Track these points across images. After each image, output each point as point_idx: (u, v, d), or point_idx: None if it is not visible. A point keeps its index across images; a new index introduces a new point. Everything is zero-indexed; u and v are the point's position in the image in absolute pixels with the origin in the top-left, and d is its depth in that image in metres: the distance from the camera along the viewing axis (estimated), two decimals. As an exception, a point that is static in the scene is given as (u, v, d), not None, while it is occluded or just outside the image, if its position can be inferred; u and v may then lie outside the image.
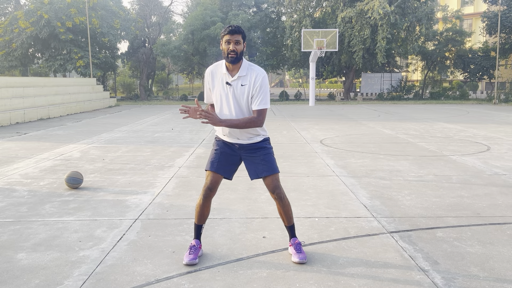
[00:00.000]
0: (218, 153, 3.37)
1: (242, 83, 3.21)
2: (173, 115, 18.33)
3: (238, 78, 3.21)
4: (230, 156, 3.38)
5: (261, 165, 3.31)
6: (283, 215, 3.45)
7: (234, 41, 3.13)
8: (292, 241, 3.47)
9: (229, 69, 3.23)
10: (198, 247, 3.43)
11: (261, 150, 3.35)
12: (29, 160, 7.78)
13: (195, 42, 30.07)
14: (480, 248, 3.61)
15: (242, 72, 3.21)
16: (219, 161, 3.34)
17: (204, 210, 3.40)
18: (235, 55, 3.13)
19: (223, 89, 3.24)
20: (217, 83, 3.26)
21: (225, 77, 3.23)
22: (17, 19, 27.90)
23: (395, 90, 32.42)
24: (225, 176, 3.37)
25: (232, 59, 3.14)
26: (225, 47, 3.15)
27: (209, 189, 3.33)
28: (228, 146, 3.39)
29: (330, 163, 7.39)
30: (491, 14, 29.75)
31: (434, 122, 14.77)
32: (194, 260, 3.32)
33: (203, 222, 3.47)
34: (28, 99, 17.04)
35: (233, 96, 3.22)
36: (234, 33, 3.13)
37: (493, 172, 6.60)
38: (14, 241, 3.83)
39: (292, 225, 3.50)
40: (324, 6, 31.53)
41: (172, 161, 7.65)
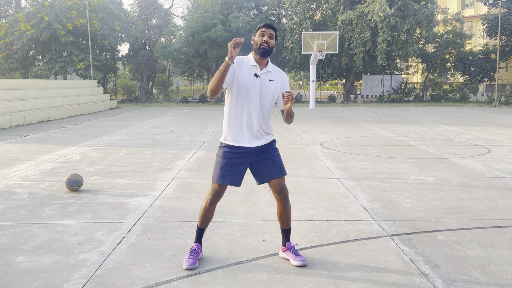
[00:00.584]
0: (229, 166, 3.26)
1: (270, 78, 3.25)
2: (174, 118, 18.34)
3: (267, 72, 3.24)
4: (240, 165, 3.30)
5: (273, 167, 3.31)
6: (284, 217, 3.43)
7: (268, 34, 3.17)
8: (288, 245, 3.46)
9: (257, 62, 3.23)
10: (199, 251, 3.41)
11: (272, 152, 3.35)
12: (29, 163, 7.78)
13: (195, 44, 30.10)
14: (481, 252, 3.61)
15: (269, 68, 3.26)
16: (230, 175, 3.26)
17: (209, 214, 3.40)
18: (267, 47, 3.15)
19: (250, 80, 3.21)
20: (244, 72, 3.21)
21: (254, 69, 3.22)
22: (18, 22, 27.95)
23: (396, 92, 32.42)
24: (235, 185, 3.31)
25: (264, 50, 3.15)
26: (259, 39, 3.17)
27: (216, 194, 3.31)
28: (237, 155, 3.28)
29: (331, 165, 7.38)
30: (491, 17, 29.78)
31: (435, 124, 14.76)
32: (194, 264, 3.30)
33: (206, 225, 3.46)
34: (29, 101, 17.05)
35: (260, 89, 3.22)
36: (270, 27, 3.20)
37: (494, 174, 6.59)
38: (14, 244, 3.83)
39: (290, 228, 3.52)
40: (324, 9, 31.57)
41: (172, 163, 7.64)
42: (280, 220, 3.48)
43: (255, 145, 3.29)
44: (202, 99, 32.79)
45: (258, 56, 3.20)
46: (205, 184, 6.03)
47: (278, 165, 3.33)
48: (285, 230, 3.50)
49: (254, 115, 3.24)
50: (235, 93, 3.23)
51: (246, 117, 3.24)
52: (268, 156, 3.32)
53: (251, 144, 3.28)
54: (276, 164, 3.32)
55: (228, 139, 3.31)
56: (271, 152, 3.34)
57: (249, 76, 3.20)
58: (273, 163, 3.31)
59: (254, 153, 3.30)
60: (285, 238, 3.51)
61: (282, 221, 3.47)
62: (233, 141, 3.28)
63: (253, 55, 3.25)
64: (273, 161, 3.31)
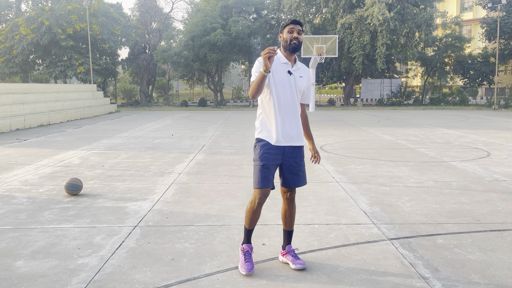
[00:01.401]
0: (266, 169, 3.24)
1: (300, 74, 3.31)
2: (173, 121, 18.35)
3: (297, 69, 3.31)
4: (275, 167, 3.32)
5: (297, 176, 3.36)
6: (288, 217, 3.44)
7: (297, 30, 3.20)
8: (287, 248, 3.46)
9: (287, 59, 3.27)
10: (252, 252, 3.42)
11: (301, 160, 3.40)
12: (28, 167, 7.77)
13: (195, 48, 30.16)
14: (481, 255, 3.60)
15: (299, 64, 3.33)
16: (269, 177, 3.25)
17: (257, 216, 3.36)
18: (298, 43, 3.19)
19: (284, 77, 3.26)
20: (279, 70, 3.24)
21: (286, 66, 3.27)
22: (18, 26, 28.02)
23: (395, 95, 32.46)
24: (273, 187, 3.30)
25: (295, 45, 3.19)
26: (288, 36, 3.20)
27: (264, 196, 3.27)
28: (273, 155, 3.27)
29: (330, 169, 7.38)
30: (490, 20, 29.86)
31: (434, 128, 14.77)
32: (252, 270, 3.27)
33: (254, 226, 3.42)
34: (29, 105, 17.06)
35: (294, 85, 3.28)
36: (297, 23, 3.21)
37: (493, 178, 6.59)
38: (13, 249, 3.82)
39: (292, 231, 3.52)
40: (323, 13, 31.66)
41: (172, 167, 7.64)
42: (284, 221, 3.48)
43: (294, 144, 3.32)
44: (202, 103, 32.81)
45: (288, 53, 3.24)
46: (205, 188, 6.03)
47: (303, 175, 3.41)
48: (287, 231, 3.49)
49: (290, 112, 3.27)
50: (273, 91, 3.24)
51: (283, 113, 3.25)
52: (297, 164, 3.35)
53: (290, 144, 3.30)
54: (302, 174, 3.39)
55: (265, 135, 3.30)
56: (300, 159, 3.38)
57: (283, 74, 3.24)
58: (300, 172, 3.36)
59: (291, 151, 3.32)
60: (287, 240, 3.49)
61: (285, 222, 3.47)
62: (274, 139, 3.27)
63: (282, 51, 3.27)
64: (300, 171, 3.37)
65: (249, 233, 3.43)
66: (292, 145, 3.31)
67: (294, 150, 3.33)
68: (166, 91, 43.64)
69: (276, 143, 3.26)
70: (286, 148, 3.30)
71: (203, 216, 4.74)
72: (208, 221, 4.55)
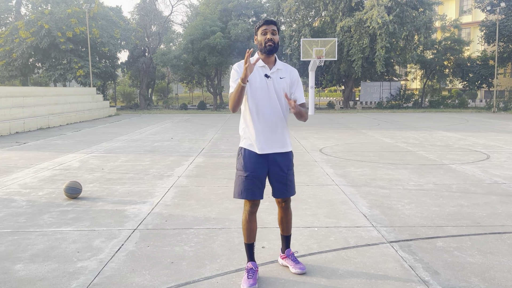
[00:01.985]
0: (250, 179, 3.11)
1: (281, 75, 3.14)
2: (173, 124, 18.35)
3: (277, 71, 3.14)
4: (261, 176, 3.16)
5: (285, 186, 3.20)
6: (285, 223, 3.39)
7: (270, 30, 3.07)
8: (287, 252, 3.42)
9: (265, 62, 3.13)
10: (256, 270, 3.20)
11: (289, 169, 3.22)
12: (28, 170, 7.77)
13: (195, 51, 30.19)
14: (481, 258, 3.60)
15: (278, 66, 3.16)
16: (253, 188, 3.12)
17: (253, 226, 3.24)
18: (273, 44, 3.06)
19: (261, 82, 3.10)
20: (256, 75, 3.09)
21: (264, 70, 3.12)
22: (18, 29, 28.05)
23: (394, 98, 32.50)
24: (260, 198, 3.19)
25: (270, 48, 3.05)
26: (262, 38, 3.07)
27: (253, 206, 3.20)
28: (258, 164, 3.14)
29: (330, 172, 7.38)
30: (489, 23, 29.93)
31: (434, 130, 14.78)
32: (254, 285, 3.08)
33: (253, 239, 3.27)
34: (28, 108, 17.06)
35: (274, 89, 3.11)
36: (270, 23, 3.09)
37: (493, 180, 6.59)
38: (12, 252, 3.81)
39: (290, 235, 3.48)
40: (323, 16, 31.73)
41: (171, 170, 7.64)
42: (281, 226, 3.44)
43: (277, 151, 3.17)
44: (202, 106, 32.82)
45: (265, 55, 3.10)
46: (204, 191, 6.02)
47: (291, 185, 3.24)
48: (285, 236, 3.45)
49: (272, 118, 3.12)
50: (250, 97, 3.11)
51: (264, 120, 3.11)
52: (284, 173, 3.18)
53: (272, 151, 3.16)
54: (290, 183, 3.23)
55: (247, 144, 3.18)
56: (288, 168, 3.21)
57: (260, 78, 3.10)
58: (287, 181, 3.20)
59: (275, 159, 3.17)
60: (285, 244, 3.46)
61: (282, 227, 3.43)
62: (255, 147, 3.15)
63: (259, 55, 3.13)
64: (287, 180, 3.20)
65: (250, 248, 3.28)
66: (276, 151, 3.16)
67: (280, 157, 3.18)
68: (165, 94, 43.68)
69: (259, 151, 3.12)
70: (271, 156, 3.15)
71: (202, 219, 4.74)
72: (208, 224, 4.55)
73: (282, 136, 3.19)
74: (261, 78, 3.10)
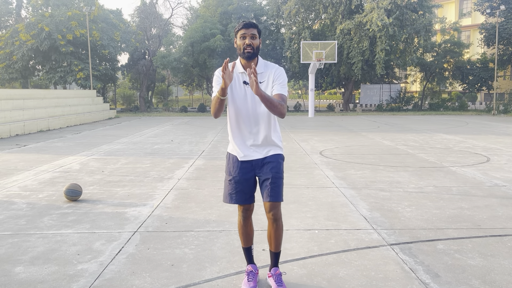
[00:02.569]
0: (233, 183, 3.05)
1: (260, 80, 2.96)
2: (173, 127, 18.35)
3: (258, 74, 2.96)
4: (246, 181, 3.06)
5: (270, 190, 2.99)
6: (273, 239, 3.09)
7: (249, 35, 2.89)
8: (273, 271, 3.13)
9: (245, 67, 2.96)
10: (256, 273, 3.16)
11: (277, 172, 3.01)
12: (28, 172, 7.76)
13: (194, 54, 30.24)
14: (481, 261, 3.59)
15: (259, 69, 2.97)
16: (236, 192, 3.05)
17: (248, 230, 3.17)
18: (252, 50, 2.88)
19: (240, 90, 2.97)
20: (234, 83, 2.97)
21: (242, 76, 2.97)
22: (18, 32, 28.09)
23: (394, 101, 32.53)
24: (247, 203, 3.10)
25: (249, 54, 2.89)
26: (240, 43, 2.90)
27: (245, 210, 3.12)
28: (242, 169, 3.04)
29: (330, 174, 7.38)
30: (489, 26, 29.99)
31: (434, 133, 14.78)
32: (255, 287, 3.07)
33: (250, 243, 3.21)
34: (28, 111, 17.07)
35: (251, 96, 2.95)
36: (250, 27, 2.90)
37: (493, 183, 6.59)
38: (12, 255, 3.81)
39: (279, 252, 3.17)
40: (323, 19, 31.79)
41: (172, 173, 7.63)
42: (269, 242, 3.13)
43: (259, 157, 3.03)
44: (202, 109, 32.84)
45: (245, 60, 2.94)
46: (204, 194, 6.02)
47: (277, 189, 2.99)
48: (273, 253, 3.15)
49: (253, 124, 3.00)
50: (230, 104, 3.02)
51: (244, 127, 3.01)
52: (269, 176, 3.00)
53: (254, 157, 3.03)
54: (275, 187, 2.99)
55: (230, 148, 3.13)
56: (276, 171, 3.01)
57: (239, 85, 2.97)
58: (271, 185, 2.98)
59: (259, 164, 3.04)
60: (273, 262, 3.18)
61: (270, 242, 3.13)
62: (237, 153, 3.06)
63: (240, 59, 2.98)
64: (272, 183, 2.98)
65: (247, 252, 3.23)
66: (259, 158, 3.02)
67: (264, 163, 3.02)
68: (165, 96, 43.69)
69: (243, 158, 3.03)
70: (254, 162, 3.03)
71: (202, 221, 4.73)
72: (208, 227, 4.54)
73: (265, 141, 3.03)
74: (240, 85, 2.97)
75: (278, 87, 2.94)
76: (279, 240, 3.10)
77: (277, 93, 2.92)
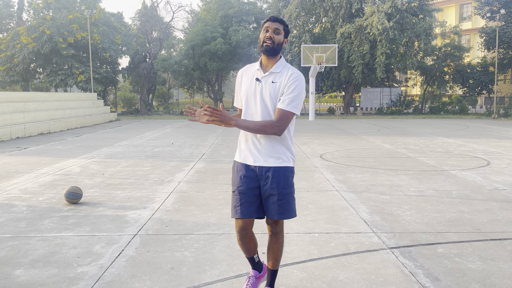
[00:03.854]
0: (237, 195, 2.77)
1: (273, 79, 2.70)
2: (173, 130, 18.37)
3: (270, 74, 2.71)
4: (252, 190, 2.75)
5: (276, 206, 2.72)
6: (271, 254, 2.87)
7: (273, 28, 2.67)
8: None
9: (263, 64, 2.76)
10: (256, 277, 3.01)
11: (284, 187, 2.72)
12: (28, 175, 7.77)
13: (195, 57, 30.29)
14: (481, 264, 3.59)
15: (276, 68, 2.71)
16: (241, 205, 2.74)
17: (247, 244, 2.89)
18: (271, 43, 2.65)
19: (250, 86, 2.75)
20: (246, 81, 2.78)
21: (257, 73, 2.75)
22: (19, 35, 28.16)
23: (395, 104, 32.55)
24: (255, 216, 2.79)
25: (267, 48, 2.65)
26: (262, 36, 2.68)
27: (243, 229, 2.82)
28: (248, 178, 2.76)
29: (330, 177, 7.38)
30: (489, 30, 30.03)
31: (434, 136, 14.79)
32: None
33: (253, 254, 2.96)
34: (29, 114, 17.09)
35: (260, 94, 2.70)
36: (275, 20, 2.68)
37: (493, 187, 6.59)
38: (12, 257, 3.81)
39: (276, 271, 2.92)
40: (323, 22, 31.86)
41: (172, 176, 7.64)
42: (267, 256, 2.94)
43: (262, 165, 2.73)
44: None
45: (265, 56, 2.72)
46: (205, 197, 6.03)
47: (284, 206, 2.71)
48: (270, 271, 2.93)
49: None
50: (242, 103, 2.84)
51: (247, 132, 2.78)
52: (274, 191, 2.71)
53: (257, 164, 2.74)
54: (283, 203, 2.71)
55: (236, 155, 2.89)
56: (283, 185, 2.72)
57: (251, 82, 2.75)
58: (278, 200, 2.70)
59: (262, 173, 2.74)
60: (269, 280, 2.94)
61: (268, 256, 2.92)
62: (239, 157, 2.85)
63: (262, 57, 2.77)
64: (278, 199, 2.70)
65: (250, 260, 3.02)
66: (263, 165, 2.72)
67: (270, 172, 2.72)
68: (166, 99, 43.74)
69: (242, 161, 2.80)
70: (259, 169, 2.73)
71: (203, 224, 4.74)
72: (208, 230, 4.55)
73: (272, 148, 2.73)
74: (252, 81, 2.76)
75: (282, 101, 2.66)
76: (279, 256, 2.88)
77: (279, 108, 2.65)
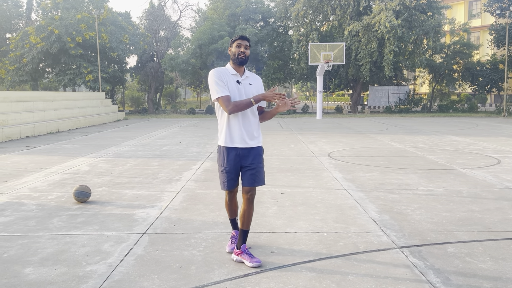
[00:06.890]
0: (225, 173, 3.67)
1: (249, 82, 3.69)
2: (181, 129, 18.41)
3: (246, 78, 3.69)
4: (235, 170, 3.68)
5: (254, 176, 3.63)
6: (246, 217, 3.66)
7: (244, 45, 3.62)
8: (243, 247, 3.63)
9: (236, 70, 3.66)
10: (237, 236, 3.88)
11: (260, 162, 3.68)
12: (38, 174, 7.82)
13: (203, 56, 30.32)
14: (493, 264, 3.54)
15: (247, 74, 3.72)
16: (228, 180, 3.69)
17: (232, 206, 3.90)
18: (244, 57, 3.61)
19: (235, 87, 3.62)
20: (230, 81, 3.61)
21: (236, 77, 3.64)
22: (28, 35, 28.39)
23: (403, 103, 32.35)
24: (234, 187, 3.76)
25: (241, 60, 3.60)
26: (236, 50, 3.61)
27: (230, 194, 3.84)
28: (232, 158, 3.63)
29: (338, 176, 7.34)
30: (499, 27, 29.72)
31: (443, 135, 14.67)
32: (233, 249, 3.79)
33: (235, 215, 3.94)
34: (38, 113, 17.22)
35: (244, 93, 3.63)
36: (244, 39, 3.65)
37: (504, 186, 6.51)
38: (22, 256, 3.83)
39: (248, 230, 3.71)
40: (331, 20, 31.72)
41: (180, 174, 7.65)
42: (241, 220, 3.68)
43: (249, 146, 3.63)
44: (209, 111, 32.91)
45: (236, 65, 3.63)
46: (213, 196, 6.02)
47: (260, 176, 3.67)
48: (244, 231, 3.68)
49: (244, 117, 3.61)
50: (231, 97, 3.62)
51: (239, 120, 3.60)
52: (253, 165, 3.63)
53: (246, 145, 3.62)
54: (258, 174, 3.66)
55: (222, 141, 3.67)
56: (259, 161, 3.66)
57: (234, 84, 3.61)
58: (256, 172, 3.63)
59: (247, 152, 3.63)
60: (242, 239, 3.67)
61: (243, 221, 3.68)
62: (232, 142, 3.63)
63: (231, 64, 3.67)
64: (256, 171, 3.63)
65: (232, 222, 3.98)
66: (246, 147, 3.61)
67: (250, 152, 3.63)
68: (173, 98, 43.85)
69: (232, 145, 3.61)
70: (241, 150, 3.61)
71: (211, 223, 4.73)
72: (216, 229, 4.54)
73: (251, 132, 3.65)
74: (234, 83, 3.62)
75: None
76: (251, 219, 3.71)
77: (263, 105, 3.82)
